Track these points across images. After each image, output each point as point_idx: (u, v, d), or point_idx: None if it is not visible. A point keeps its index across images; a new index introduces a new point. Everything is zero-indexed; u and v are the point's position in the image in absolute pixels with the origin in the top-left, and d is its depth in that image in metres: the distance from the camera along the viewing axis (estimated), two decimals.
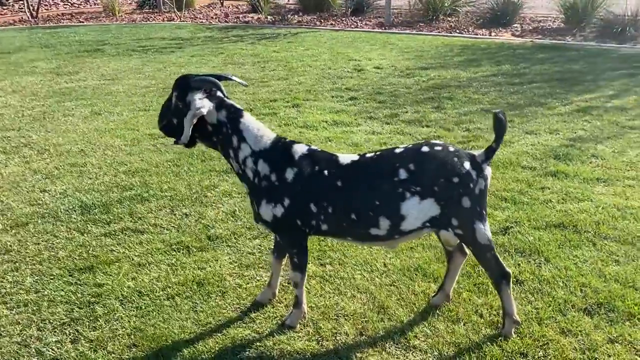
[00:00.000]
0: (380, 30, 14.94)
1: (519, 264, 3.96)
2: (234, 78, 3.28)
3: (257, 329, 3.38)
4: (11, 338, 3.36)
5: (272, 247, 3.56)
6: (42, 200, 5.21)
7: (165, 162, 6.15)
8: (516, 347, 3.14)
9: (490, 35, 13.61)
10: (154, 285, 3.86)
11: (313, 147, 3.20)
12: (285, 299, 3.66)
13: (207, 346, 3.26)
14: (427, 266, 3.93)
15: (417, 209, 2.98)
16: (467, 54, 11.59)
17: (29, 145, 6.77)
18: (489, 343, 3.18)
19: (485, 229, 3.06)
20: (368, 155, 3.15)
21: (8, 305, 3.66)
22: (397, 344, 3.21)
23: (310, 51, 12.38)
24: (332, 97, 8.80)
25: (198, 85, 3.07)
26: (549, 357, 3.06)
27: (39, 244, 4.44)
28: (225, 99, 3.17)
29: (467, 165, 2.99)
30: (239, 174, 3.22)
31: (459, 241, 3.18)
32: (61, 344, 3.31)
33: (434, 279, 3.80)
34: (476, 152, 3.08)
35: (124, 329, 3.44)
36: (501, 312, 3.24)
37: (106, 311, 3.60)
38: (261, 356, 3.18)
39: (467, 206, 3.00)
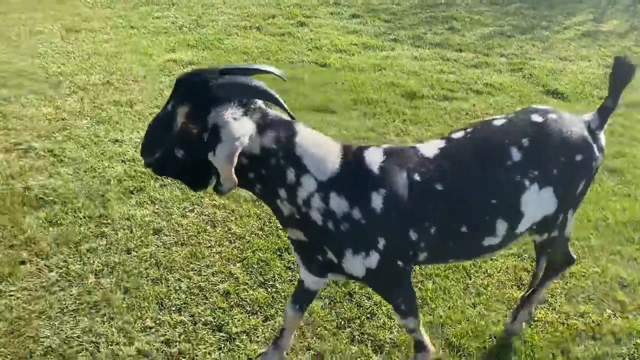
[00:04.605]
0: None
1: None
2: (271, 70, 1.91)
3: None
4: None
5: (292, 293, 2.40)
6: None
7: None
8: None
9: None
10: None
11: (384, 145, 2.08)
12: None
13: None
14: None
15: (535, 202, 2.07)
16: None
17: None
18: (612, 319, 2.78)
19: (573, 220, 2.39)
20: (457, 135, 2.13)
21: None
22: None
23: None
24: (331, 13, 7.79)
25: (226, 94, 1.76)
26: None
27: None
28: (268, 109, 1.87)
29: (587, 136, 2.14)
30: (293, 219, 1.96)
31: None
32: None
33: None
34: (588, 116, 2.22)
35: None
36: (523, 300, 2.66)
37: None
38: None
39: (579, 192, 2.22)
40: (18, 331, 2.50)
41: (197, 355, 2.45)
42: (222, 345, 2.50)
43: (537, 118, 2.11)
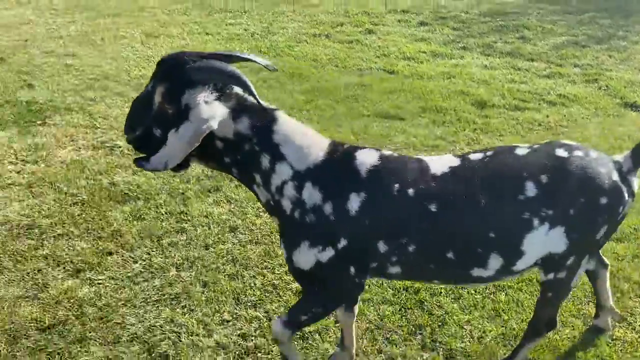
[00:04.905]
0: None
1: None
2: (255, 59, 1.91)
3: None
4: None
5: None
6: None
7: None
8: None
9: None
10: None
11: (386, 151, 1.99)
12: None
13: None
14: None
15: (540, 242, 1.91)
16: None
17: None
18: None
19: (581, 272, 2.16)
20: (475, 156, 1.99)
21: None
22: None
23: None
24: (399, 21, 7.81)
25: (202, 77, 1.77)
26: None
27: None
28: (246, 96, 1.86)
29: (616, 178, 1.95)
30: (270, 205, 1.97)
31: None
32: None
33: None
34: (620, 157, 2.03)
35: None
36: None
37: None
38: None
39: (599, 237, 2.02)
40: (106, 317, 2.66)
41: (272, 351, 2.52)
42: (296, 342, 2.57)
43: (561, 153, 1.94)
